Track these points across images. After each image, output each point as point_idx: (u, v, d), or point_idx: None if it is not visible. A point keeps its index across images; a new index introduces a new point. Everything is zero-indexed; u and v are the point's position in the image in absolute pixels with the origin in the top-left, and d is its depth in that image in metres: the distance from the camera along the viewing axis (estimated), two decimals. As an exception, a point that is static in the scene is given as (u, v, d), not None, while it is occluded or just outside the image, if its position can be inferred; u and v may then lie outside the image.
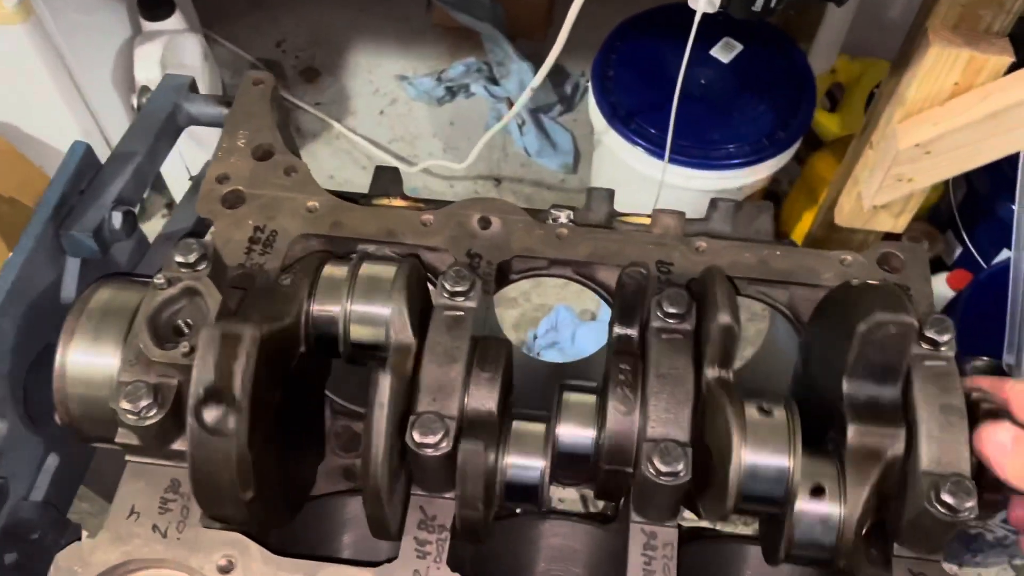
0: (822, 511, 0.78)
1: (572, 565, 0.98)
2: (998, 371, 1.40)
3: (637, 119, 2.10)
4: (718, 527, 1.01)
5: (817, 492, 0.78)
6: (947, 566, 0.79)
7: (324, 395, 1.06)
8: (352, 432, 1.12)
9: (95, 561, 0.80)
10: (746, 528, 1.37)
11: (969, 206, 2.31)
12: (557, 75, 2.94)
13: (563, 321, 2.54)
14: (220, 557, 0.80)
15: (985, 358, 0.88)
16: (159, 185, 2.61)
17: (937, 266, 2.42)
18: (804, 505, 0.77)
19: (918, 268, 0.94)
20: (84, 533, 1.05)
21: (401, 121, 2.96)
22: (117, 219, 0.96)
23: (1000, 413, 0.79)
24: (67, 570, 0.80)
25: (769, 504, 0.78)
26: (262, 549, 0.80)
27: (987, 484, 0.76)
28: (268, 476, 0.82)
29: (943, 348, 0.79)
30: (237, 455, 0.76)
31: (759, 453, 0.76)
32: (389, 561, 0.80)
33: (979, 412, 0.79)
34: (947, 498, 0.71)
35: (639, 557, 0.80)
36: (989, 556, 2.08)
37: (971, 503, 0.71)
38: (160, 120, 1.06)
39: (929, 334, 0.78)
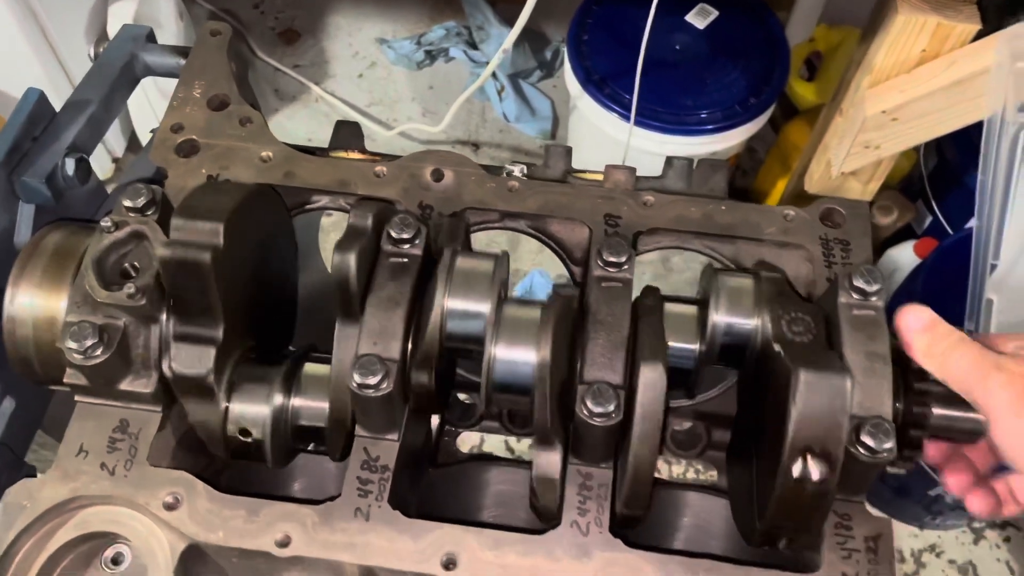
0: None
1: (517, 510, 1.01)
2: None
3: (611, 84, 2.10)
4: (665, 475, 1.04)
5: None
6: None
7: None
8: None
9: (43, 497, 0.82)
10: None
11: (939, 176, 2.32)
12: (537, 41, 2.94)
13: (538, 286, 2.56)
14: (166, 494, 0.82)
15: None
16: (134, 145, 2.60)
17: (907, 235, 2.44)
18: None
19: (858, 224, 0.96)
20: (40, 476, 1.07)
21: (380, 85, 2.95)
22: (70, 165, 0.97)
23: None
24: (15, 505, 0.81)
25: None
26: (207, 487, 0.82)
27: (910, 421, 0.79)
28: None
29: (872, 298, 0.80)
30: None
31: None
32: (332, 499, 0.82)
33: (906, 358, 0.81)
34: (867, 439, 0.73)
35: (575, 497, 0.82)
36: (949, 519, 2.12)
37: (890, 444, 0.73)
38: (116, 69, 1.06)
39: (858, 283, 0.80)
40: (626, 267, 0.84)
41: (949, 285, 1.80)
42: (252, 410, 0.85)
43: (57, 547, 0.81)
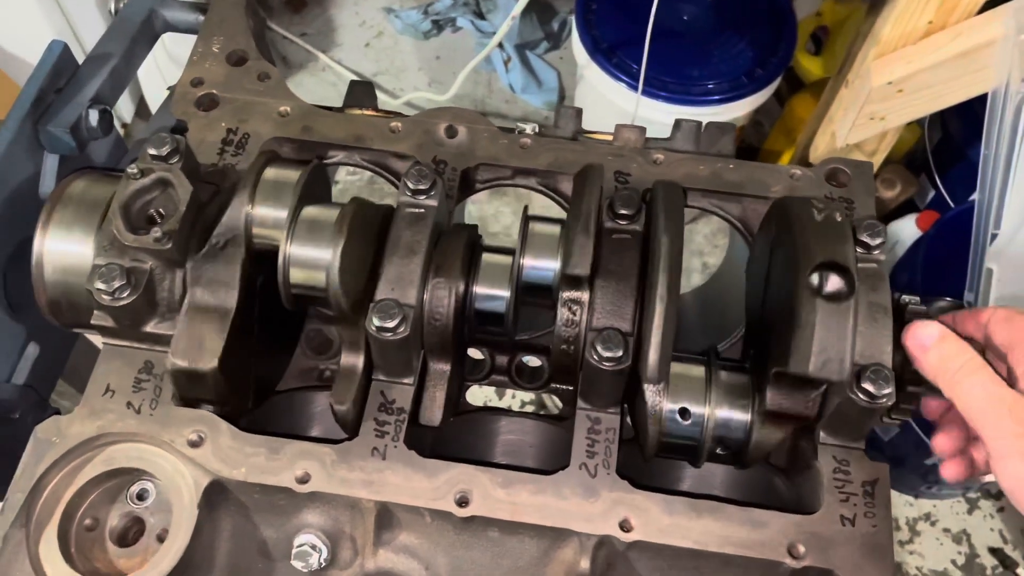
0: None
1: (525, 459, 1.04)
2: (959, 309, 1.44)
3: (618, 53, 2.11)
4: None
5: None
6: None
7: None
8: (324, 336, 1.16)
9: (71, 433, 0.85)
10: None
11: (943, 150, 2.34)
12: (544, 11, 2.94)
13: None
14: (190, 432, 0.85)
15: (948, 299, 0.90)
16: (142, 111, 2.62)
17: (910, 208, 2.46)
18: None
19: (863, 183, 0.98)
20: (64, 419, 1.10)
21: (387, 54, 2.96)
22: (94, 117, 0.99)
23: (930, 314, 0.84)
24: (45, 441, 0.85)
25: None
26: (231, 426, 0.85)
27: (908, 378, 0.81)
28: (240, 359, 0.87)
29: (875, 251, 0.83)
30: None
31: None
32: (349, 439, 0.85)
33: (907, 314, 0.84)
34: (867, 385, 0.76)
35: (583, 440, 0.85)
36: (944, 488, 2.16)
37: (888, 390, 0.76)
38: (136, 24, 1.08)
39: (863, 238, 0.83)
40: (636, 219, 0.87)
41: (950, 257, 1.82)
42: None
43: (84, 482, 0.84)
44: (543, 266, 0.88)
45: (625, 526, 0.81)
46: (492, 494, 0.82)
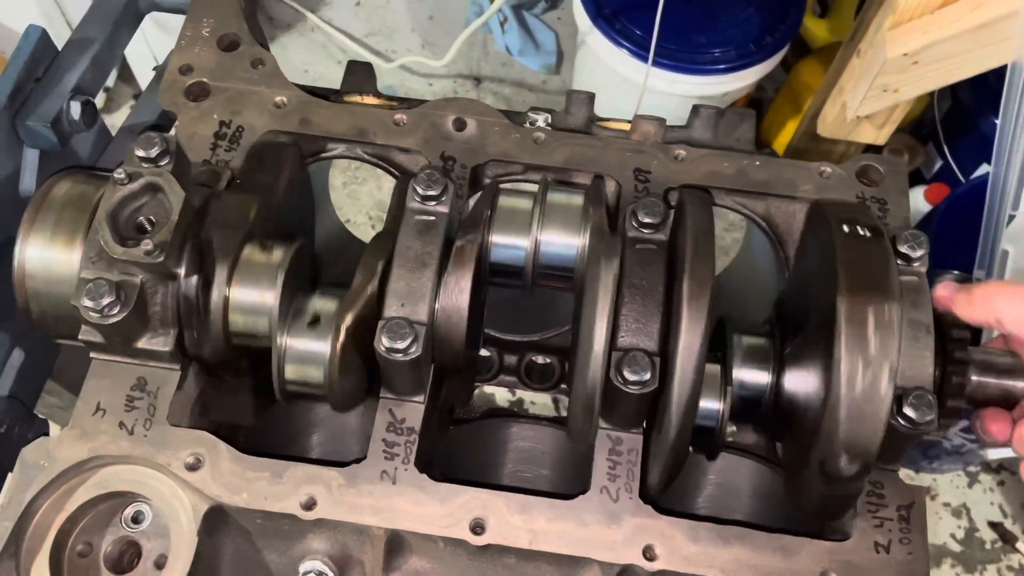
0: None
1: (540, 467, 1.00)
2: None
3: (622, 19, 2.03)
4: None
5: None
6: (904, 471, 0.81)
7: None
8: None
9: (61, 456, 0.80)
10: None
11: (953, 119, 2.28)
12: (542, -30, 2.84)
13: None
14: (188, 455, 0.80)
15: (956, 272, 0.88)
16: (126, 75, 2.52)
17: (916, 179, 2.41)
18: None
19: (896, 182, 0.93)
20: (52, 426, 1.05)
21: (378, 13, 2.85)
22: (76, 109, 0.92)
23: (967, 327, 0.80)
24: (33, 464, 0.80)
25: None
26: (230, 448, 0.81)
27: (948, 392, 0.77)
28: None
29: (916, 263, 0.78)
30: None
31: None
32: (357, 462, 0.81)
33: (946, 326, 0.79)
34: (909, 411, 0.72)
35: (604, 462, 0.81)
36: (945, 463, 2.15)
37: (931, 417, 0.72)
38: (120, 4, 1.01)
39: (903, 249, 0.78)
40: (661, 228, 0.81)
41: (960, 231, 1.78)
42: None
43: (76, 507, 0.80)
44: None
45: (649, 554, 0.77)
46: (508, 520, 0.78)
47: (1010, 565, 2.13)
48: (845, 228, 0.74)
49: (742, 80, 2.07)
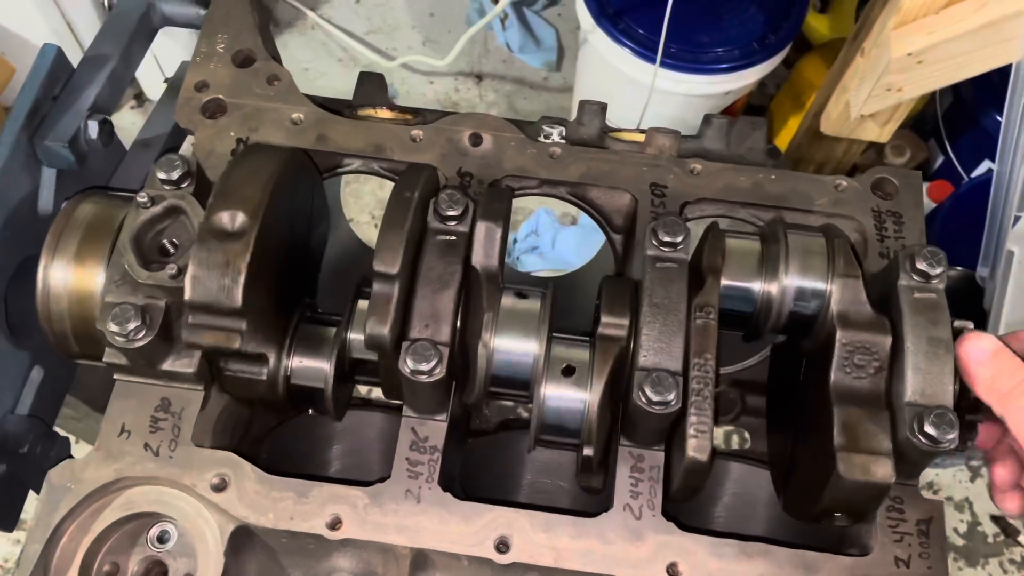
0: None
1: (558, 479, 1.01)
2: (971, 282, 1.41)
3: (626, 18, 2.02)
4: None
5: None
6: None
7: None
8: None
9: (87, 478, 0.80)
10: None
11: (954, 115, 2.28)
12: (542, -35, 2.83)
13: (543, 225, 2.52)
14: (213, 476, 0.81)
15: (959, 268, 0.87)
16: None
17: (918, 175, 2.42)
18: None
19: (911, 195, 0.94)
20: (71, 438, 1.05)
21: (379, 11, 2.84)
22: (93, 128, 0.92)
23: None
24: (60, 487, 0.80)
25: None
26: (255, 468, 0.81)
27: (965, 407, 0.78)
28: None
29: (934, 280, 0.79)
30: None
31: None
32: (381, 481, 0.81)
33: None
34: (930, 430, 0.73)
35: (627, 479, 0.82)
36: (947, 458, 2.17)
37: (952, 435, 0.73)
38: (133, 20, 1.00)
39: (921, 266, 0.78)
40: (681, 247, 0.82)
41: (964, 230, 1.79)
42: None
43: (103, 528, 0.80)
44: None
45: (672, 571, 0.78)
46: (532, 538, 0.79)
47: (1012, 559, 2.15)
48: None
49: (745, 79, 2.07)
